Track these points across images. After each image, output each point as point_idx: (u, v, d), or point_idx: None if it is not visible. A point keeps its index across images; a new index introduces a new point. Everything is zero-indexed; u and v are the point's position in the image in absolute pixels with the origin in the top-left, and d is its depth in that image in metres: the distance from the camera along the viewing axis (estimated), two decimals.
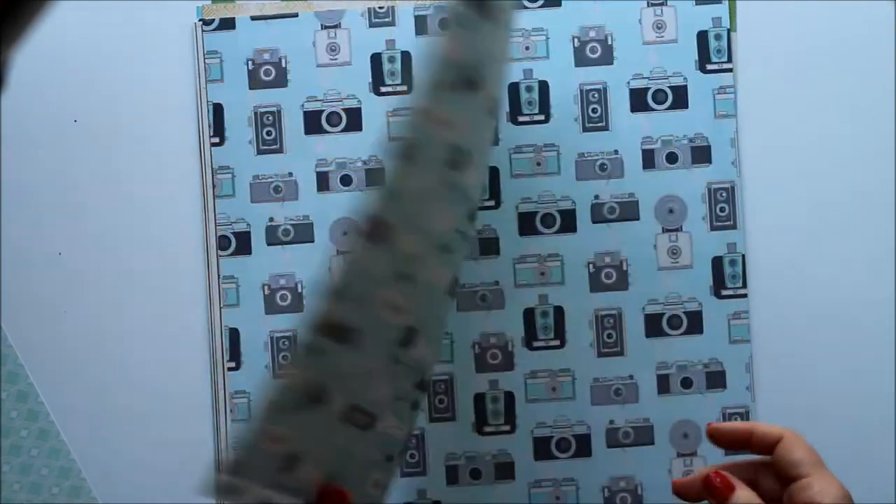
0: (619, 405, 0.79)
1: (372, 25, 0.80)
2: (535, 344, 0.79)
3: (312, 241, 0.79)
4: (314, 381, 0.53)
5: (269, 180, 0.79)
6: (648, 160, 0.79)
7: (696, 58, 0.79)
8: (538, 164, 0.79)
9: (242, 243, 0.79)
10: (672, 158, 0.79)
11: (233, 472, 0.51)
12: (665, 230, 0.79)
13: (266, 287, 0.79)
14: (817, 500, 0.61)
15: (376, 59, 0.80)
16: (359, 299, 0.53)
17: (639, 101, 0.79)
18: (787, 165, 0.80)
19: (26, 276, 0.80)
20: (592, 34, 0.79)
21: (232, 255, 0.79)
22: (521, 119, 0.79)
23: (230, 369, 0.79)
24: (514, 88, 0.79)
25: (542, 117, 0.79)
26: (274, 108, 0.79)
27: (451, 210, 0.57)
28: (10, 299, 0.80)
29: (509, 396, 0.79)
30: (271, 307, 0.79)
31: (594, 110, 0.79)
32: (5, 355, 0.79)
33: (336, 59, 0.80)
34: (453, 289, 0.61)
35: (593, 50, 0.79)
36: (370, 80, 0.80)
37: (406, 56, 0.80)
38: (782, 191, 0.80)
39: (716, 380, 0.79)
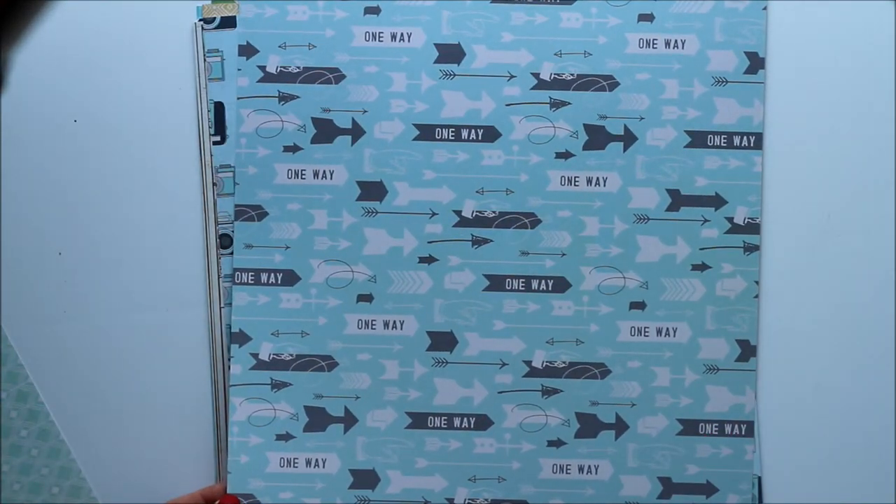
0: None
1: None
2: None
3: None
4: None
5: None
6: None
7: None
8: None
9: None
10: None
11: None
12: None
13: None
14: None
15: None
16: None
17: None
18: (787, 164, 0.80)
19: (26, 276, 0.80)
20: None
21: (233, 253, 0.79)
22: None
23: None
24: None
25: None
26: None
27: None
28: (10, 299, 0.80)
29: None
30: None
31: None
32: (5, 355, 0.79)
33: None
34: None
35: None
36: None
37: None
38: (782, 190, 0.80)
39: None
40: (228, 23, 0.79)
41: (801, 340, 0.79)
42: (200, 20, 0.80)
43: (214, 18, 0.80)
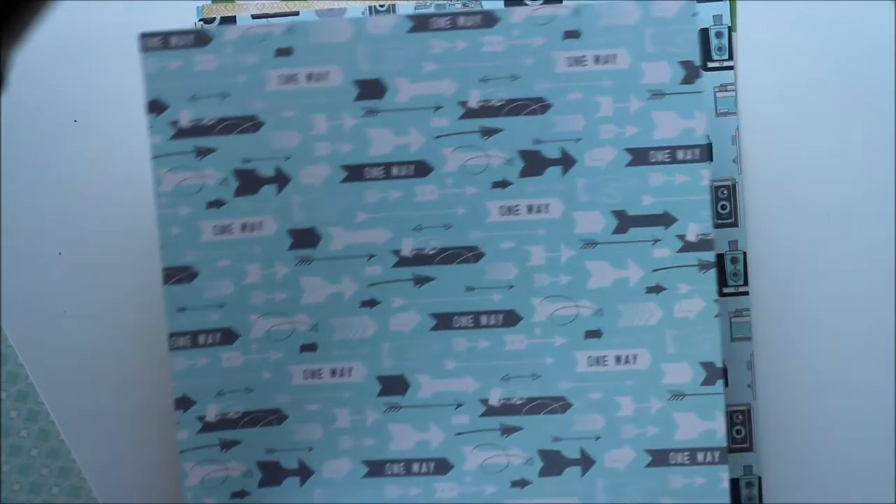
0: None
1: None
2: None
3: None
4: None
5: None
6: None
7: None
8: None
9: None
10: None
11: None
12: None
13: None
14: None
15: None
16: None
17: None
18: (788, 163, 0.80)
19: (26, 276, 0.80)
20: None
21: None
22: None
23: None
24: None
25: None
26: None
27: None
28: (10, 299, 0.80)
29: None
30: None
31: None
32: (5, 355, 0.79)
33: None
34: None
35: None
36: None
37: None
38: (783, 188, 0.80)
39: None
40: (228, 23, 0.79)
41: (800, 338, 0.79)
42: (200, 20, 0.80)
43: (214, 18, 0.80)
